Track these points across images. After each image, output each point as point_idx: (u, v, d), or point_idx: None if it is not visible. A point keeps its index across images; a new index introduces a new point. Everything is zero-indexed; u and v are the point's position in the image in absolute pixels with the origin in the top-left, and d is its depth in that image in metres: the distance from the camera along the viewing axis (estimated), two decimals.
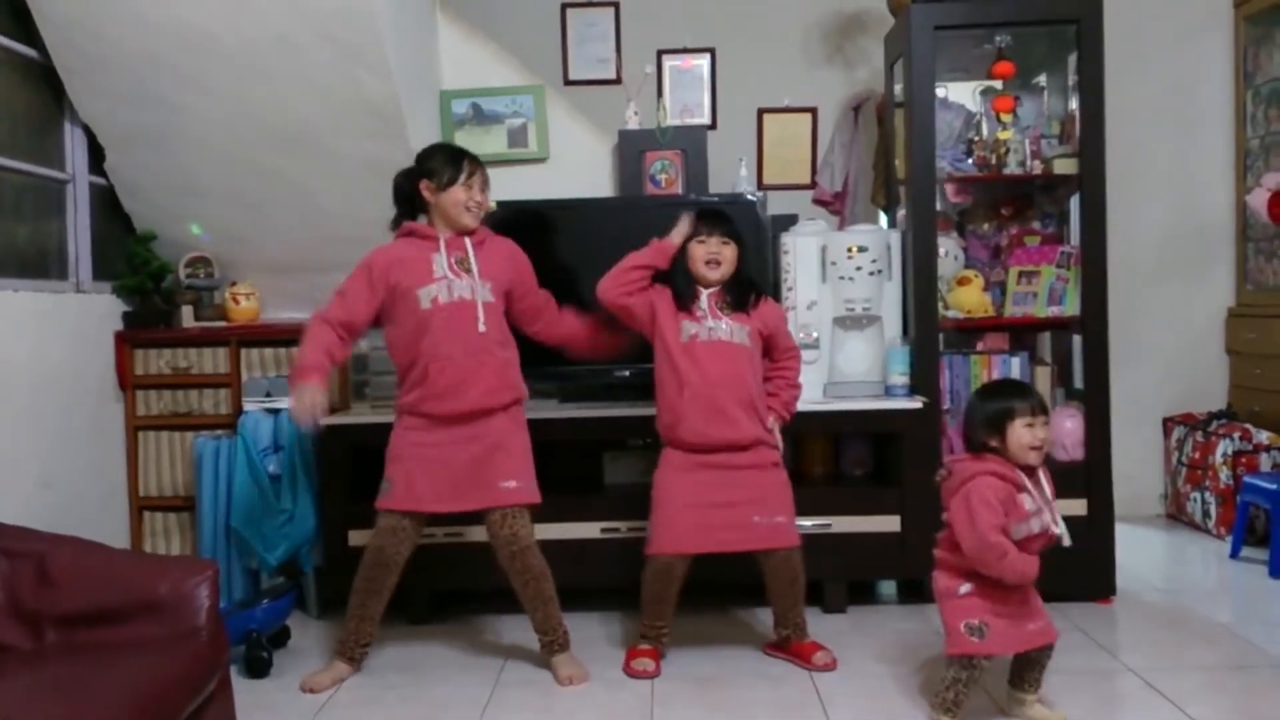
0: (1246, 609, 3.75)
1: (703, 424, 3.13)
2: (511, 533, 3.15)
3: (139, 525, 4.07)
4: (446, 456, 3.13)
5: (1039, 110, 4.25)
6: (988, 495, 2.61)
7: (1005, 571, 2.60)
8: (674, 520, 3.16)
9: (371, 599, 3.21)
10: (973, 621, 2.65)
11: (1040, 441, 2.66)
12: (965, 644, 2.66)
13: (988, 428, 2.69)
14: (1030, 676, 2.74)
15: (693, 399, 3.13)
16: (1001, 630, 2.65)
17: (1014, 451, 2.65)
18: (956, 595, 2.69)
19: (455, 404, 3.10)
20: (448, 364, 3.09)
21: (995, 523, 2.60)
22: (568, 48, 4.96)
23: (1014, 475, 2.64)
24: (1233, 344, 4.93)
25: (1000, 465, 2.65)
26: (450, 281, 3.11)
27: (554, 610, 3.23)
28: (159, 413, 4.07)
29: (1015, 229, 4.12)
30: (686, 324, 3.17)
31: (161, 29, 3.57)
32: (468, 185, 3.14)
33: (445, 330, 3.09)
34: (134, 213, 4.15)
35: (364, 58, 3.64)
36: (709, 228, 3.20)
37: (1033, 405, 2.67)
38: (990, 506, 2.60)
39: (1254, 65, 4.80)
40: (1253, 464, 4.39)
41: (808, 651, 3.25)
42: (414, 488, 3.13)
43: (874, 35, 4.77)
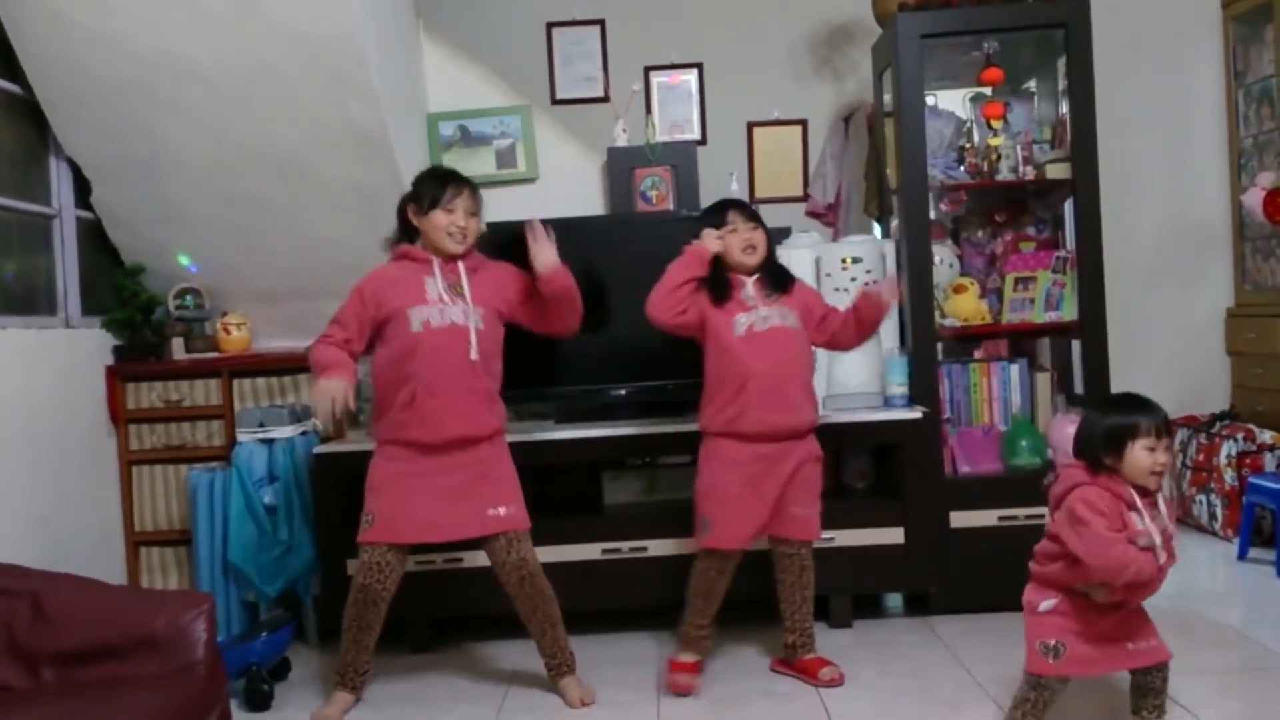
0: (1256, 611, 3.71)
1: (770, 413, 3.10)
2: (520, 557, 3.11)
3: (135, 561, 4.04)
4: (430, 486, 3.05)
5: (1030, 115, 4.24)
6: (1096, 502, 2.47)
7: (1131, 568, 2.41)
8: (734, 513, 3.12)
9: (363, 633, 3.16)
10: (1049, 641, 2.52)
11: (1162, 466, 2.47)
12: (1038, 663, 2.53)
13: (1105, 444, 2.49)
14: (1146, 704, 2.59)
15: (758, 389, 3.09)
16: (1083, 653, 2.51)
17: (1130, 473, 2.47)
18: (1037, 611, 2.57)
19: (441, 431, 3.04)
20: (436, 390, 3.03)
21: (1105, 523, 2.44)
22: (554, 67, 4.96)
23: (1124, 492, 2.48)
24: (1233, 344, 4.90)
25: (1111, 481, 2.49)
26: (443, 306, 3.06)
27: (561, 633, 3.19)
28: (152, 446, 4.03)
29: (1010, 235, 4.11)
30: (740, 317, 3.14)
31: (145, 60, 3.56)
32: (449, 210, 3.08)
33: (435, 355, 3.03)
34: (122, 245, 4.12)
35: (350, 84, 3.63)
36: (736, 216, 3.19)
37: (1157, 425, 2.47)
38: (1100, 513, 2.45)
39: (1244, 64, 4.79)
40: (1257, 465, 4.36)
41: (814, 668, 3.21)
42: (396, 519, 3.07)
43: (862, 46, 4.77)
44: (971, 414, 3.91)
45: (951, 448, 3.84)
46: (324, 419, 2.94)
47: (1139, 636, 2.55)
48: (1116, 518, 2.46)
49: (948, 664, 3.28)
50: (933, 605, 3.74)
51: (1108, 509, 2.46)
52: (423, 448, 3.06)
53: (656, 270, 3.48)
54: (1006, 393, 3.91)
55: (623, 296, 3.48)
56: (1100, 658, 2.53)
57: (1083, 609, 2.52)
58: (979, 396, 3.91)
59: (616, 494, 3.95)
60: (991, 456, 3.84)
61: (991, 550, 3.63)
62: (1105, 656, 2.53)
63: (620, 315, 3.65)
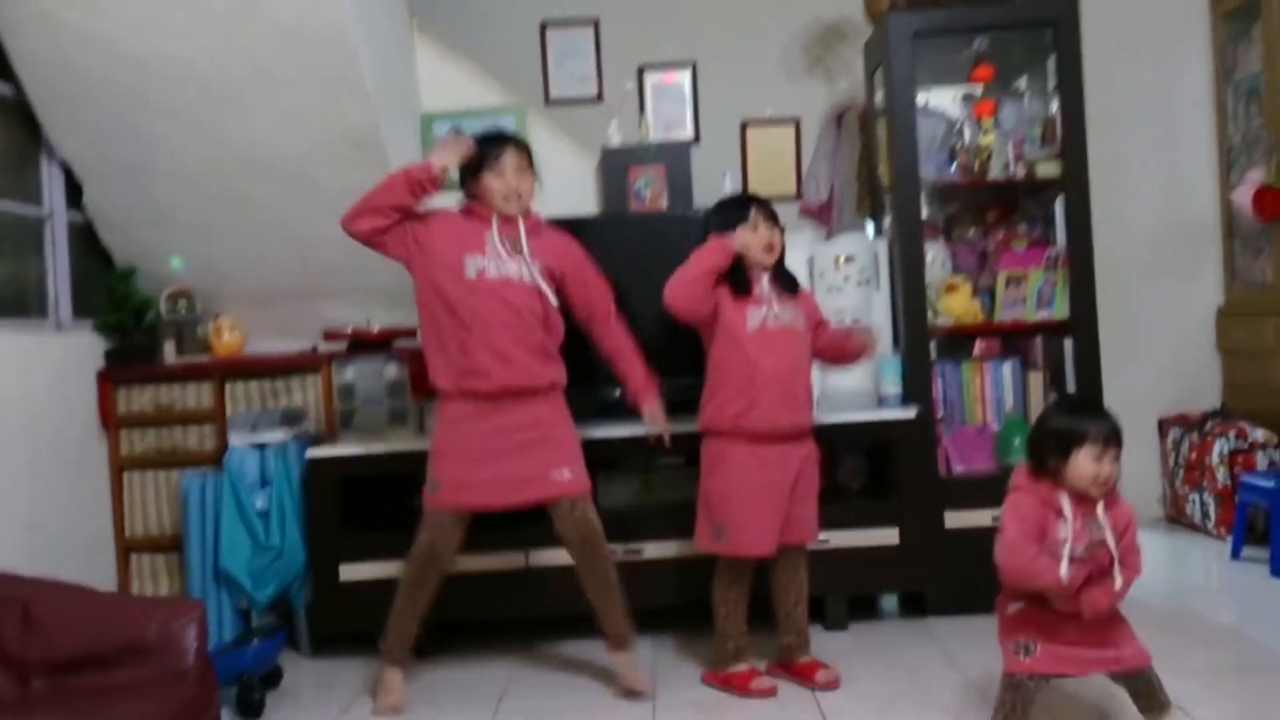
0: (1250, 609, 3.71)
1: (777, 410, 3.11)
2: (584, 517, 3.14)
3: (126, 567, 4.01)
4: (495, 447, 3.07)
5: (1020, 114, 4.24)
6: (1020, 508, 2.51)
7: (1038, 578, 2.46)
8: (754, 518, 3.11)
9: (420, 593, 3.17)
10: (1019, 640, 2.56)
11: (1106, 477, 2.47)
12: (1012, 662, 2.56)
13: (1052, 447, 2.51)
14: (1146, 703, 2.57)
15: (764, 385, 3.10)
16: (1053, 651, 2.53)
17: (1072, 479, 2.48)
18: (1007, 613, 2.60)
19: (495, 379, 3.05)
20: (489, 339, 3.04)
21: (1017, 528, 2.49)
22: (548, 66, 4.93)
23: (1056, 501, 2.50)
24: (1224, 342, 4.90)
25: (1046, 489, 2.51)
26: (500, 260, 3.08)
27: (619, 602, 3.21)
28: (143, 451, 4.01)
29: (1001, 233, 4.11)
30: (752, 311, 3.14)
31: (137, 62, 3.54)
32: (498, 173, 3.11)
33: (490, 304, 3.06)
34: (113, 248, 4.10)
35: (343, 85, 3.61)
36: (758, 215, 3.19)
37: (1105, 435, 2.47)
38: (1019, 519, 2.50)
39: (1233, 61, 4.79)
40: (1250, 463, 4.35)
41: (810, 670, 3.21)
42: (461, 484, 3.09)
43: (854, 44, 4.76)
44: (965, 413, 3.92)
45: (945, 447, 3.84)
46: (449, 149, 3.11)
47: (1112, 643, 2.55)
48: (1036, 525, 2.49)
49: (943, 666, 3.28)
50: (928, 606, 3.74)
51: (1030, 515, 2.49)
52: (481, 398, 3.06)
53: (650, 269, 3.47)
54: (999, 391, 3.91)
55: (617, 296, 3.46)
56: (1071, 658, 2.54)
57: (1048, 612, 2.54)
58: (972, 395, 3.91)
59: (612, 496, 3.94)
60: (985, 455, 3.84)
61: (986, 550, 3.54)
62: (1076, 658, 2.54)
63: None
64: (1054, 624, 2.54)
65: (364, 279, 4.08)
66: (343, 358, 3.93)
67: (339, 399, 3.89)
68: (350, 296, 4.12)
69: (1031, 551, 2.48)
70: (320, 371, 4.00)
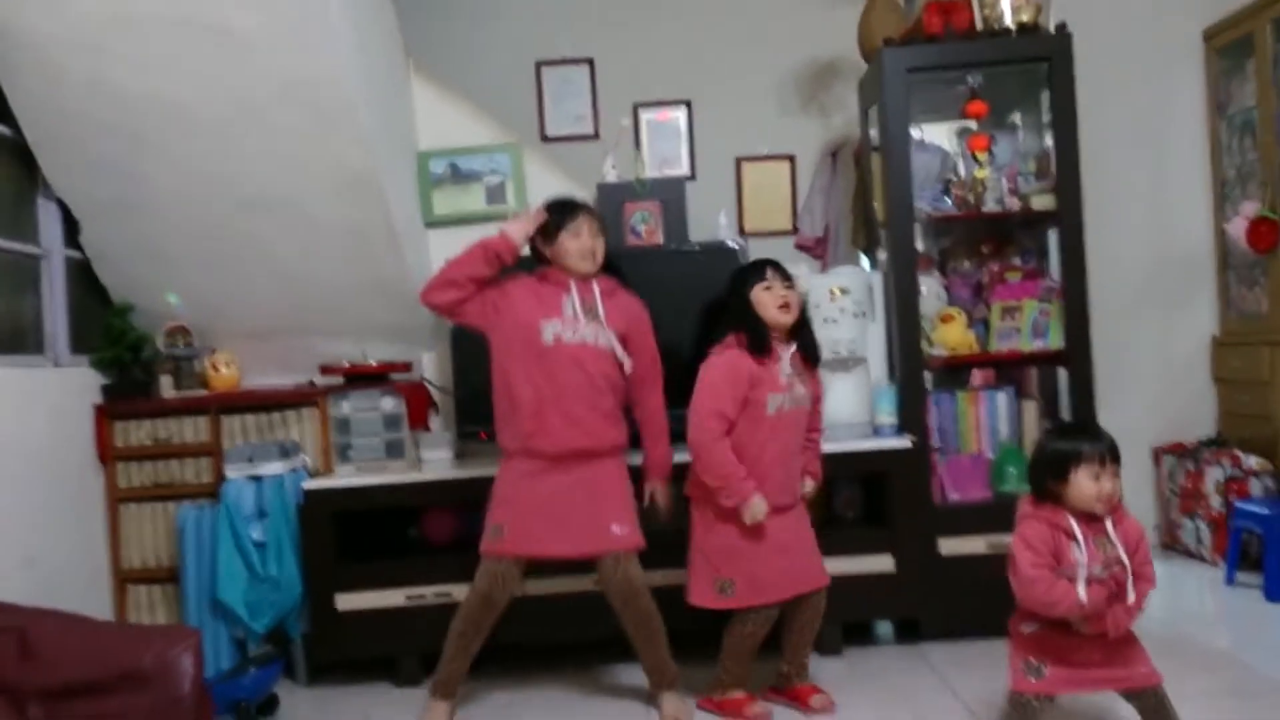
0: (1245, 634, 3.71)
1: (779, 493, 3.12)
2: (626, 576, 3.16)
3: (123, 599, 4.00)
4: (557, 499, 3.12)
5: (1015, 148, 4.28)
6: (1028, 536, 2.52)
7: (1059, 605, 2.46)
8: (769, 569, 3.12)
9: (474, 640, 3.20)
10: (1031, 660, 2.56)
11: (1107, 494, 2.50)
12: (1020, 681, 2.57)
13: (1051, 472, 2.54)
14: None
15: (769, 471, 3.10)
16: (1064, 675, 2.54)
17: (1075, 500, 2.51)
18: (1021, 632, 2.60)
19: (564, 443, 3.11)
20: (561, 403, 3.10)
21: (1031, 559, 2.48)
22: (544, 104, 5.00)
23: (1063, 521, 2.51)
24: (1219, 372, 4.92)
25: (1052, 513, 2.53)
26: (577, 324, 3.15)
27: (662, 650, 3.23)
28: (140, 484, 4.01)
29: (996, 265, 4.13)
30: (774, 397, 3.12)
31: (133, 103, 3.58)
32: (575, 234, 3.17)
33: (563, 369, 3.12)
34: (110, 285, 4.13)
35: (339, 125, 3.65)
36: (773, 271, 3.20)
37: (1101, 453, 2.49)
38: (1030, 548, 2.50)
39: (1226, 96, 4.85)
40: (1244, 490, 4.36)
41: (805, 694, 3.21)
42: (525, 533, 3.12)
43: (848, 81, 4.82)
44: (959, 442, 3.92)
45: (940, 476, 3.85)
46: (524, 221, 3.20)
47: (1124, 662, 2.56)
48: (1049, 552, 2.49)
49: (938, 691, 3.27)
50: (923, 632, 3.73)
51: (1041, 543, 2.49)
52: (550, 458, 3.12)
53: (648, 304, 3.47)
54: (994, 421, 3.92)
55: None
56: (1081, 679, 2.55)
57: (1064, 635, 2.54)
58: (967, 425, 3.92)
59: None
60: (980, 484, 3.84)
61: (981, 577, 3.61)
62: (1086, 678, 2.55)
63: None
64: (1069, 647, 2.54)
65: (360, 315, 4.12)
66: (339, 391, 3.95)
67: (335, 432, 3.90)
68: (346, 331, 4.15)
69: (1048, 580, 2.48)
70: (317, 405, 4.01)
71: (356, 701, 3.55)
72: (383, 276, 4.02)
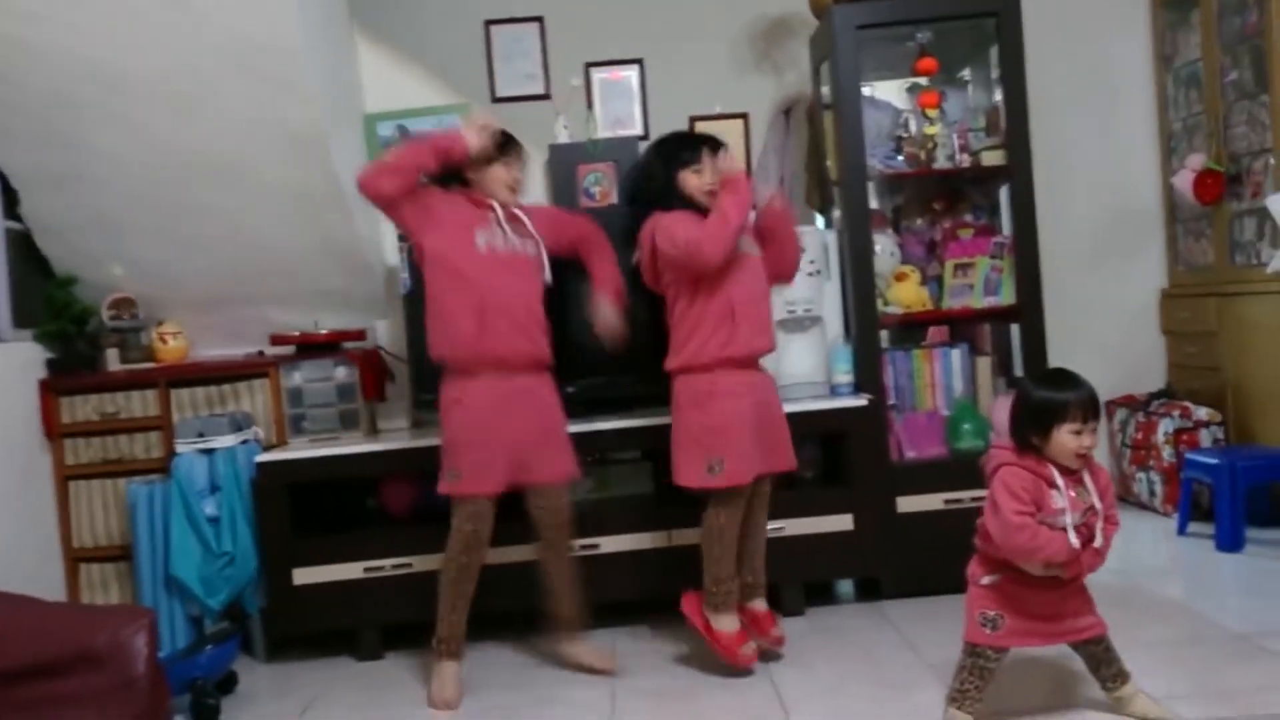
0: (1196, 583, 3.78)
1: (753, 336, 3.15)
2: (562, 503, 3.26)
3: (75, 578, 3.94)
4: (505, 431, 3.13)
5: (965, 104, 4.29)
6: (1012, 484, 2.51)
7: (1041, 551, 2.48)
8: (748, 447, 3.11)
9: (468, 582, 3.18)
10: (988, 612, 2.58)
11: (1086, 449, 2.50)
12: (976, 632, 2.59)
13: (1033, 423, 2.53)
14: (1105, 672, 2.62)
15: (744, 315, 3.13)
16: (1020, 626, 2.56)
17: (1055, 454, 2.51)
18: (979, 584, 2.62)
19: (514, 348, 3.15)
20: (505, 309, 3.13)
21: (1016, 507, 2.49)
22: (493, 64, 4.92)
23: (1045, 470, 2.52)
24: (1168, 324, 4.99)
25: (1036, 463, 2.52)
26: (505, 235, 3.18)
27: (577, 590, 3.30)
28: (89, 461, 3.94)
29: (948, 223, 4.15)
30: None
31: (69, 67, 3.48)
32: (508, 165, 3.22)
33: (501, 276, 3.14)
34: (52, 256, 4.03)
35: (283, 86, 3.57)
36: (703, 153, 3.16)
37: (1085, 409, 2.49)
38: (1014, 495, 2.50)
39: (1172, 49, 4.88)
40: (1194, 441, 4.44)
41: (767, 623, 3.28)
42: (482, 469, 3.12)
43: (800, 38, 4.79)
44: (915, 399, 3.95)
45: (897, 434, 3.87)
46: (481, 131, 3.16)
47: (1075, 613, 2.60)
48: (1031, 500, 2.50)
49: (898, 647, 3.31)
50: (883, 590, 3.77)
51: (1024, 490, 2.51)
52: (495, 366, 3.13)
53: None
54: (949, 378, 3.94)
55: (568, 292, 3.46)
56: (1036, 631, 2.58)
57: (1022, 586, 2.56)
58: (922, 382, 3.95)
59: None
60: (936, 441, 3.87)
61: (938, 533, 3.66)
62: (1041, 631, 2.58)
63: (568, 312, 3.63)
64: (1027, 597, 2.56)
65: (311, 282, 4.05)
66: (291, 361, 3.90)
67: (288, 403, 3.85)
68: (296, 300, 4.08)
69: (1033, 526, 2.49)
70: (268, 376, 3.95)
71: (316, 676, 3.52)
72: (333, 241, 3.96)
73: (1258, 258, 4.31)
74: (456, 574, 3.15)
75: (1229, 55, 4.43)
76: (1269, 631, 3.13)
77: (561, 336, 3.68)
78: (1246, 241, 4.42)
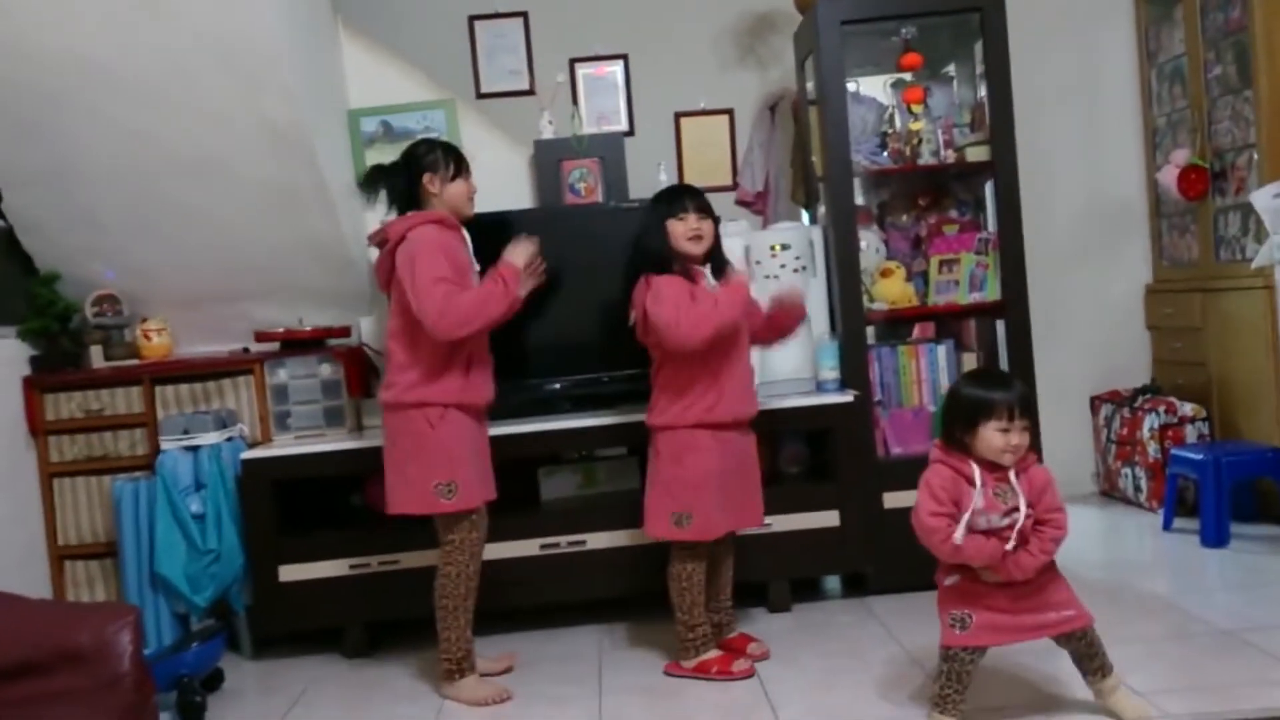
0: (1181, 579, 3.80)
1: (737, 403, 3.18)
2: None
3: (60, 575, 3.92)
4: (484, 447, 3.23)
5: (949, 100, 4.29)
6: (933, 482, 2.55)
7: (953, 554, 2.51)
8: (718, 504, 3.15)
9: (474, 596, 3.16)
10: (956, 612, 2.59)
11: (1014, 447, 2.52)
12: (948, 635, 2.60)
13: (960, 421, 2.57)
14: (1090, 666, 2.62)
15: (728, 379, 3.15)
16: (988, 622, 2.56)
17: (981, 451, 2.53)
18: (944, 585, 2.63)
19: (489, 394, 3.20)
20: (482, 354, 3.17)
21: (932, 508, 2.52)
22: (478, 60, 4.91)
23: (967, 469, 2.54)
24: (1152, 320, 5.01)
25: (959, 461, 2.55)
26: (477, 269, 3.20)
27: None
28: (74, 458, 3.92)
29: (933, 218, 4.15)
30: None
31: (47, 63, 3.45)
32: (468, 178, 3.22)
33: None
34: (35, 253, 4.00)
35: (264, 82, 3.55)
36: (687, 204, 3.20)
37: (1010, 406, 2.51)
38: (933, 495, 2.53)
39: (1156, 45, 4.89)
40: (1179, 436, 4.46)
41: (741, 644, 3.29)
42: (480, 482, 3.17)
43: (784, 34, 4.79)
44: (901, 395, 3.96)
45: (883, 429, 3.88)
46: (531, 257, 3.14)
47: (1050, 606, 2.59)
48: (950, 499, 2.52)
49: (883, 642, 3.32)
50: (869, 585, 3.78)
51: (943, 489, 2.54)
52: (481, 410, 3.20)
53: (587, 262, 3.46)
54: (935, 374, 3.95)
55: (554, 290, 3.45)
56: (1006, 626, 2.58)
57: (980, 583, 2.58)
58: (908, 378, 3.95)
59: (553, 489, 3.93)
60: (922, 437, 3.88)
61: None
62: (1011, 626, 2.58)
63: (553, 309, 3.63)
64: (989, 594, 2.57)
65: (295, 279, 4.04)
66: (275, 358, 3.88)
67: (273, 399, 3.84)
68: (280, 296, 4.07)
69: (946, 529, 2.51)
70: (253, 373, 3.94)
71: (302, 673, 3.52)
72: (317, 238, 3.94)
73: (1242, 253, 4.33)
74: (466, 590, 3.13)
75: (1213, 50, 4.45)
76: (1254, 626, 3.15)
77: (548, 333, 3.69)
78: (1231, 237, 4.44)
